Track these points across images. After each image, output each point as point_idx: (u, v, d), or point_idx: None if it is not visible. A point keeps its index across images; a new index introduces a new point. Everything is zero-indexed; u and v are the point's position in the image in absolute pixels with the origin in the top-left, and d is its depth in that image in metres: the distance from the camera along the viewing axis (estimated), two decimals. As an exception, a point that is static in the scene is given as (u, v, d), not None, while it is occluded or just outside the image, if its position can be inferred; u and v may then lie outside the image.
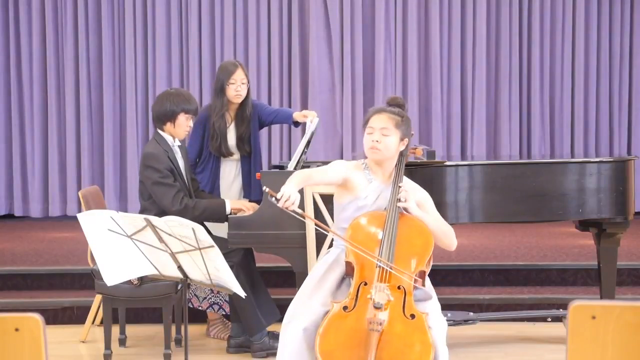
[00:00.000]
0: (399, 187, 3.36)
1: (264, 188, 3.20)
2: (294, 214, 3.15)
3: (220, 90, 4.69)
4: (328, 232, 3.27)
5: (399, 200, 3.31)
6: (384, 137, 3.37)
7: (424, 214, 3.38)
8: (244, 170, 4.82)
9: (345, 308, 3.07)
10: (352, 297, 3.10)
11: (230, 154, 4.77)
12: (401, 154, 3.46)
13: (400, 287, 3.11)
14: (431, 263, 3.33)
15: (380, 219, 3.27)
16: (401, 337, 3.01)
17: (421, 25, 7.81)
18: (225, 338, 4.76)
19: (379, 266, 3.12)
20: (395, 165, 3.44)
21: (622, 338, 1.92)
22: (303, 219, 3.18)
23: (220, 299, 4.78)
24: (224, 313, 4.82)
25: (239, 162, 4.82)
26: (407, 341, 3.01)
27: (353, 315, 3.05)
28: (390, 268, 3.12)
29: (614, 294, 4.65)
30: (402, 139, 3.42)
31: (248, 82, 4.73)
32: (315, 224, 3.17)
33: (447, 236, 3.41)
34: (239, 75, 4.68)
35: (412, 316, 3.05)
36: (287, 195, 3.12)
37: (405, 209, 3.35)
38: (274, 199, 3.12)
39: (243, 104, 4.75)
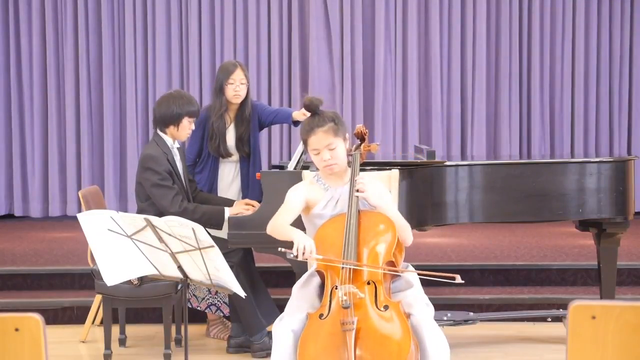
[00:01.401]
0: (355, 180, 3.36)
1: (280, 249, 3.18)
2: (316, 261, 3.16)
3: (219, 90, 4.68)
4: (322, 261, 3.22)
5: (357, 191, 3.32)
6: (333, 151, 3.37)
7: (383, 203, 3.36)
8: (242, 171, 4.80)
9: (321, 316, 3.09)
10: (325, 304, 3.12)
11: (230, 154, 4.75)
12: (350, 152, 3.46)
13: (370, 282, 3.12)
14: (403, 253, 3.33)
15: (341, 222, 3.28)
16: (377, 330, 3.01)
17: (421, 25, 7.81)
18: (225, 338, 4.76)
19: (343, 268, 3.13)
20: (349, 163, 3.44)
21: (622, 338, 1.92)
22: (325, 263, 3.18)
23: (218, 300, 4.77)
24: (221, 314, 4.82)
25: (237, 164, 4.81)
26: (384, 332, 3.01)
27: (329, 321, 3.05)
28: (355, 266, 3.12)
29: (614, 294, 4.65)
30: (344, 139, 3.43)
31: (247, 83, 4.72)
32: (344, 263, 3.17)
33: (404, 230, 3.37)
34: (237, 76, 4.66)
35: (386, 307, 3.05)
36: (302, 246, 3.15)
37: (366, 200, 3.35)
38: (292, 255, 3.14)
39: (243, 104, 4.74)
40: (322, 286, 3.27)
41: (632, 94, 7.89)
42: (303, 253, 3.13)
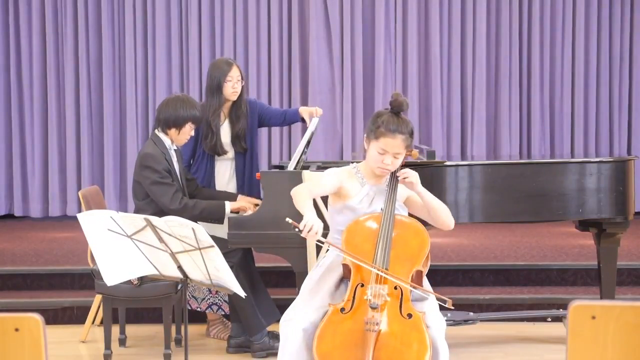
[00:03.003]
0: (397, 178, 3.36)
1: (287, 220, 3.14)
2: (318, 243, 3.16)
3: (216, 88, 4.69)
4: (354, 259, 3.21)
5: (401, 176, 3.33)
6: (396, 160, 3.34)
7: (426, 191, 3.40)
8: (238, 168, 4.81)
9: (342, 310, 3.08)
10: (349, 299, 3.11)
11: (225, 152, 4.76)
12: None
13: (397, 287, 3.12)
14: (429, 263, 3.34)
15: (376, 222, 3.28)
16: (398, 336, 3.02)
17: (421, 25, 7.81)
18: (225, 338, 4.76)
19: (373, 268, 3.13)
20: None
21: (622, 338, 1.91)
22: (326, 246, 3.18)
23: (219, 299, 4.78)
24: (223, 313, 4.83)
25: (233, 161, 4.82)
26: (404, 340, 3.02)
27: (350, 317, 3.06)
28: (385, 275, 3.11)
29: (614, 294, 4.65)
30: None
31: (242, 79, 4.75)
32: (341, 251, 3.18)
33: (446, 213, 3.43)
34: (235, 73, 4.69)
35: (409, 316, 3.06)
36: (310, 224, 3.10)
37: (412, 185, 3.35)
38: (297, 230, 3.12)
39: (236, 101, 4.77)
40: (337, 284, 3.27)
41: (632, 94, 7.89)
42: (309, 231, 3.09)
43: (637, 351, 1.91)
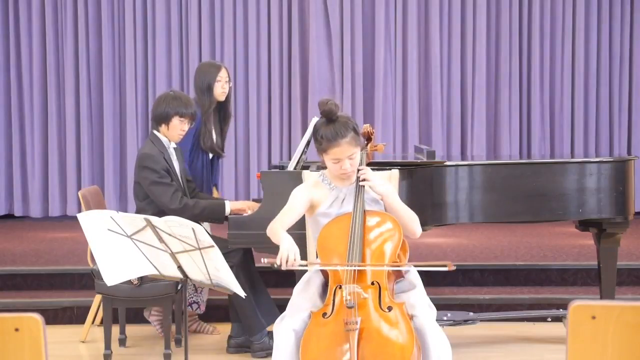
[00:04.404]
0: (358, 169, 3.36)
1: (263, 260, 3.17)
2: (300, 268, 3.17)
3: (207, 89, 4.77)
4: (325, 267, 3.23)
5: (363, 180, 3.32)
6: (352, 160, 3.34)
7: (389, 192, 3.37)
8: (215, 169, 4.96)
9: (324, 314, 3.09)
10: (328, 303, 3.12)
11: (219, 153, 4.89)
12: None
13: (374, 282, 3.13)
14: (408, 253, 3.34)
15: (346, 221, 3.27)
16: (380, 331, 3.01)
17: (421, 25, 7.81)
18: (210, 332, 4.87)
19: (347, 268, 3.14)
20: None
21: (622, 338, 1.92)
22: (312, 266, 3.20)
23: (199, 299, 4.83)
24: (199, 312, 4.89)
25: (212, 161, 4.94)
26: (387, 334, 3.01)
27: (332, 320, 3.06)
28: (358, 267, 3.12)
29: (614, 294, 4.65)
30: (361, 147, 3.42)
31: (230, 81, 4.85)
32: (321, 266, 3.20)
33: (412, 220, 3.40)
34: (224, 74, 4.81)
35: (389, 308, 3.05)
36: (285, 256, 3.14)
37: (372, 188, 3.34)
38: (276, 266, 3.14)
39: (223, 103, 4.86)
40: (324, 285, 3.27)
41: (632, 94, 7.89)
42: (287, 262, 3.12)
43: (637, 351, 1.91)
